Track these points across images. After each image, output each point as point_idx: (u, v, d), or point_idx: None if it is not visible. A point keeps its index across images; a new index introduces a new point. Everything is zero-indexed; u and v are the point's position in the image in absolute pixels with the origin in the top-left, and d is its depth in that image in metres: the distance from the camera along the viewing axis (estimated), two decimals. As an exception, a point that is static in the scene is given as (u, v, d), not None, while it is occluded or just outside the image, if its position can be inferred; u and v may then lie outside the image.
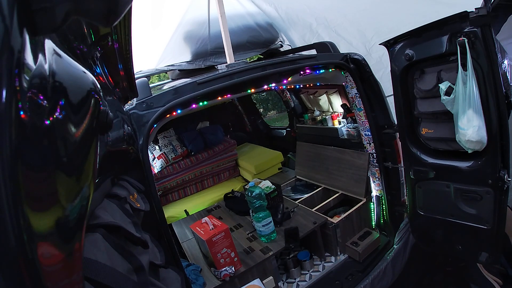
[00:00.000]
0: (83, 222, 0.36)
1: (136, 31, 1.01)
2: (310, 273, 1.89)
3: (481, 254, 1.53)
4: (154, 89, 1.69)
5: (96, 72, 0.74)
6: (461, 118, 1.32)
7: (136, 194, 1.00)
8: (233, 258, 1.62)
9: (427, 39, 1.41)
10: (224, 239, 1.58)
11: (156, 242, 1.05)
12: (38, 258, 0.25)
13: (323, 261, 1.97)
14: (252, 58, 2.94)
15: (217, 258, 1.58)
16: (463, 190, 1.52)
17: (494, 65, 1.26)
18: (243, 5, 2.29)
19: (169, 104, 1.33)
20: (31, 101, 0.25)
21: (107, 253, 0.56)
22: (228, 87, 1.49)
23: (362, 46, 2.23)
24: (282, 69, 1.64)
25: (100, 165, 0.53)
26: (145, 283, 0.62)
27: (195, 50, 2.39)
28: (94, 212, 0.65)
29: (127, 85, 1.00)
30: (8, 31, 0.23)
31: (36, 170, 0.27)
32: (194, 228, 1.67)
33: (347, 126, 2.56)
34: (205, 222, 1.65)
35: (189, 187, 2.98)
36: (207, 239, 1.54)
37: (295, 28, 2.51)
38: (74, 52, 0.56)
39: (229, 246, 1.60)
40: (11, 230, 0.22)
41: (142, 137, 1.22)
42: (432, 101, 1.49)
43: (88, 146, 0.42)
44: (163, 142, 2.97)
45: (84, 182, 0.38)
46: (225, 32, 1.96)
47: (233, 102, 3.76)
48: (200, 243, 1.73)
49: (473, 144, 1.34)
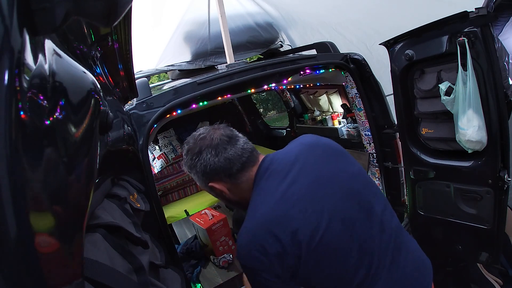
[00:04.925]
0: (83, 222, 0.36)
1: (136, 31, 1.01)
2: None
3: (481, 254, 1.53)
4: (154, 89, 1.69)
5: (96, 72, 0.74)
6: (461, 118, 1.32)
7: (136, 194, 1.00)
8: (230, 246, 1.73)
9: (427, 39, 1.41)
10: (223, 227, 1.69)
11: (156, 242, 1.05)
12: (38, 258, 0.25)
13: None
14: (252, 58, 2.94)
15: (216, 246, 1.68)
16: (463, 190, 1.52)
17: (494, 65, 1.26)
18: (243, 5, 2.29)
19: (169, 104, 1.33)
20: (31, 101, 0.25)
21: (107, 253, 0.56)
22: (228, 87, 1.49)
23: (363, 45, 2.23)
24: (282, 69, 1.64)
25: (100, 165, 0.53)
26: (145, 283, 0.62)
27: (195, 50, 2.38)
28: (94, 212, 0.65)
29: (127, 85, 1.00)
30: (8, 31, 0.23)
31: (36, 170, 0.27)
32: (194, 219, 1.75)
33: (347, 126, 2.56)
34: (205, 213, 1.75)
35: (189, 187, 2.97)
36: (207, 227, 1.62)
37: (295, 26, 2.51)
38: (74, 52, 0.56)
39: (227, 235, 1.71)
40: (11, 230, 0.22)
41: (142, 137, 1.22)
42: (432, 101, 1.49)
43: (88, 146, 0.42)
44: (163, 142, 2.97)
45: (84, 182, 0.38)
46: (225, 32, 1.96)
47: (233, 102, 3.76)
48: (200, 233, 1.79)
49: (473, 144, 1.34)
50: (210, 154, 0.78)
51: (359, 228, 0.76)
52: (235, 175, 0.80)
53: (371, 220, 0.79)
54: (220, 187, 0.82)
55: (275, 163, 0.81)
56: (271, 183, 0.77)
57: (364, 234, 0.77)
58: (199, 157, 0.79)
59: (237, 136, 0.82)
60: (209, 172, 0.79)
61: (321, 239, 0.71)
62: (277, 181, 0.77)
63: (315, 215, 0.73)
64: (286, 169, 0.79)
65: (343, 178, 0.80)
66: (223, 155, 0.78)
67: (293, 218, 0.72)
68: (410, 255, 0.83)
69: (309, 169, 0.79)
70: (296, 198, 0.74)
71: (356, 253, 0.75)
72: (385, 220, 0.82)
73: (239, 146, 0.80)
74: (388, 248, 0.79)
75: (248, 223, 0.74)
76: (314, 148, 0.85)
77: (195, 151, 0.80)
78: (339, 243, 0.74)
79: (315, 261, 0.72)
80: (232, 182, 0.81)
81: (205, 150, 0.79)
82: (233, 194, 0.83)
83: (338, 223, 0.74)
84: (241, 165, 0.79)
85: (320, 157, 0.82)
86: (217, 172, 0.79)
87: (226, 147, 0.79)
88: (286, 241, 0.70)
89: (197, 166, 0.80)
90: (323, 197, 0.75)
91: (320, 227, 0.72)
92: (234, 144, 0.80)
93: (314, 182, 0.77)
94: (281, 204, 0.73)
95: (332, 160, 0.83)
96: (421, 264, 0.86)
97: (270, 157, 0.84)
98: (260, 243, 0.70)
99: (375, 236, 0.78)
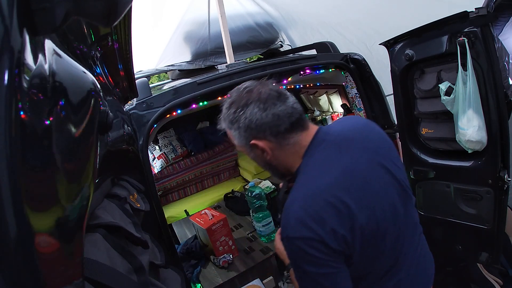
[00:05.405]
0: (83, 222, 0.36)
1: (136, 31, 1.01)
2: (310, 273, 1.89)
3: (481, 254, 1.53)
4: (154, 89, 1.69)
5: (96, 72, 0.74)
6: (461, 118, 1.32)
7: (136, 194, 1.00)
8: (230, 246, 1.72)
9: (427, 39, 1.41)
10: (223, 227, 1.68)
11: (156, 242, 1.05)
12: (38, 258, 0.25)
13: (323, 261, 1.97)
14: (252, 58, 2.94)
15: (216, 246, 1.67)
16: (463, 190, 1.52)
17: (494, 65, 1.26)
18: (243, 5, 2.29)
19: (169, 104, 1.33)
20: (31, 101, 0.25)
21: (107, 253, 0.56)
22: (228, 87, 1.49)
23: (363, 45, 2.23)
24: (282, 69, 1.64)
25: (100, 165, 0.53)
26: (145, 283, 0.62)
27: (195, 50, 2.39)
28: (94, 212, 0.65)
29: (127, 85, 1.00)
30: (8, 31, 0.23)
31: (36, 170, 0.27)
32: (194, 219, 1.74)
33: (347, 126, 2.56)
34: (205, 213, 1.75)
35: (189, 187, 2.98)
36: (207, 227, 1.62)
37: (295, 26, 2.51)
38: (74, 52, 0.56)
39: (227, 235, 1.70)
40: (11, 230, 0.22)
41: (142, 137, 1.22)
42: (432, 101, 1.49)
43: (88, 146, 0.42)
44: (163, 142, 2.97)
45: (84, 182, 0.38)
46: (225, 32, 1.96)
47: (233, 102, 3.76)
48: (200, 233, 1.79)
49: (473, 144, 1.34)
50: (257, 108, 0.72)
51: (400, 216, 0.77)
52: (282, 134, 0.74)
53: (406, 209, 0.80)
54: (263, 146, 0.75)
55: (332, 135, 0.77)
56: (329, 155, 0.74)
57: (402, 222, 0.78)
58: (245, 110, 0.73)
59: (287, 94, 0.76)
60: (254, 128, 0.73)
61: (374, 220, 0.71)
62: (335, 154, 0.74)
63: (371, 195, 0.72)
64: (345, 145, 0.75)
65: (391, 165, 0.79)
66: (271, 110, 0.72)
67: (352, 194, 0.69)
68: (424, 249, 0.89)
69: (366, 148, 0.77)
70: (356, 175, 0.72)
71: (395, 240, 0.76)
72: (413, 212, 0.86)
73: (289, 104, 0.74)
74: (414, 240, 0.83)
75: (300, 193, 0.70)
76: (370, 130, 0.83)
77: (241, 104, 0.74)
78: (387, 227, 0.74)
79: (364, 241, 0.70)
80: (277, 142, 0.75)
81: (252, 103, 0.72)
82: (275, 157, 0.77)
83: (389, 208, 0.75)
84: (290, 125, 0.73)
85: (375, 141, 0.81)
86: (263, 129, 0.73)
87: (276, 102, 0.72)
88: (344, 214, 0.67)
89: (241, 120, 0.74)
90: (377, 180, 0.75)
91: (376, 208, 0.71)
92: (284, 101, 0.74)
93: (371, 163, 0.75)
94: (342, 178, 0.71)
95: (385, 146, 0.82)
96: (429, 258, 0.91)
97: (325, 129, 0.79)
98: (318, 213, 0.66)
99: (408, 225, 0.81)
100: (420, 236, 0.88)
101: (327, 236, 0.66)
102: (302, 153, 0.76)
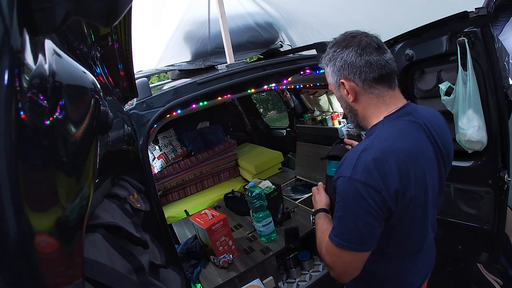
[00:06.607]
0: (83, 222, 0.36)
1: (136, 31, 1.01)
2: (310, 273, 1.89)
3: (481, 254, 1.53)
4: (154, 89, 1.69)
5: (96, 72, 0.74)
6: (461, 118, 1.32)
7: (136, 194, 1.00)
8: (230, 246, 1.73)
9: (427, 39, 1.41)
10: (223, 227, 1.68)
11: (156, 242, 1.05)
12: (38, 258, 0.25)
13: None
14: (252, 58, 2.93)
15: (216, 246, 1.67)
16: (463, 190, 1.52)
17: (494, 65, 1.26)
18: (243, 5, 2.29)
19: (169, 104, 1.33)
20: (31, 101, 0.25)
21: (107, 253, 0.56)
22: (228, 87, 1.49)
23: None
24: (282, 69, 1.64)
25: (100, 165, 0.53)
26: (145, 283, 0.62)
27: (195, 50, 2.38)
28: (94, 212, 0.65)
29: (127, 85, 1.00)
30: (8, 31, 0.23)
31: (36, 170, 0.27)
32: (194, 219, 1.74)
33: (347, 126, 2.56)
34: (205, 213, 1.75)
35: (189, 187, 2.98)
36: (207, 227, 1.62)
37: (295, 26, 2.50)
38: (74, 52, 0.56)
39: (227, 235, 1.70)
40: (11, 230, 0.22)
41: (142, 137, 1.22)
42: (432, 101, 1.49)
43: (88, 146, 0.42)
44: (163, 142, 2.97)
45: (84, 182, 0.38)
46: (225, 32, 1.96)
47: (233, 102, 3.76)
48: (200, 233, 1.79)
49: (473, 144, 1.34)
50: (354, 51, 0.78)
51: (432, 205, 0.86)
52: (369, 82, 0.80)
53: (437, 202, 0.90)
54: (349, 87, 0.82)
55: (418, 114, 0.83)
56: (410, 129, 0.80)
57: (431, 212, 0.87)
58: (343, 51, 0.80)
59: (386, 50, 0.82)
60: (346, 68, 0.80)
61: (421, 199, 0.79)
62: (416, 131, 0.80)
63: (427, 178, 0.79)
64: (425, 127, 0.82)
65: (447, 164, 0.90)
66: (366, 57, 0.78)
67: (416, 169, 0.76)
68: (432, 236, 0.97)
69: (439, 140, 0.85)
70: (423, 157, 0.79)
71: (424, 222, 0.86)
72: (439, 203, 0.95)
73: (385, 58, 0.79)
74: (434, 226, 0.94)
75: (376, 145, 0.75)
76: (444, 128, 0.91)
77: (342, 45, 0.81)
78: (425, 207, 0.82)
79: (407, 212, 0.77)
80: (363, 88, 0.81)
81: (352, 47, 0.79)
82: (357, 102, 0.84)
83: (432, 196, 0.83)
84: (379, 76, 0.79)
85: (447, 138, 0.89)
86: (353, 71, 0.79)
87: (373, 52, 0.78)
88: (405, 181, 0.74)
89: (337, 59, 0.81)
90: (435, 169, 0.84)
91: (427, 190, 0.80)
92: (381, 53, 0.79)
93: (437, 156, 0.84)
94: (414, 153, 0.77)
95: (446, 136, 0.90)
96: (433, 243, 1.03)
97: (414, 106, 0.85)
98: (386, 170, 0.72)
99: (434, 216, 0.92)
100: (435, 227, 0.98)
101: (387, 194, 0.72)
102: (383, 111, 0.82)
